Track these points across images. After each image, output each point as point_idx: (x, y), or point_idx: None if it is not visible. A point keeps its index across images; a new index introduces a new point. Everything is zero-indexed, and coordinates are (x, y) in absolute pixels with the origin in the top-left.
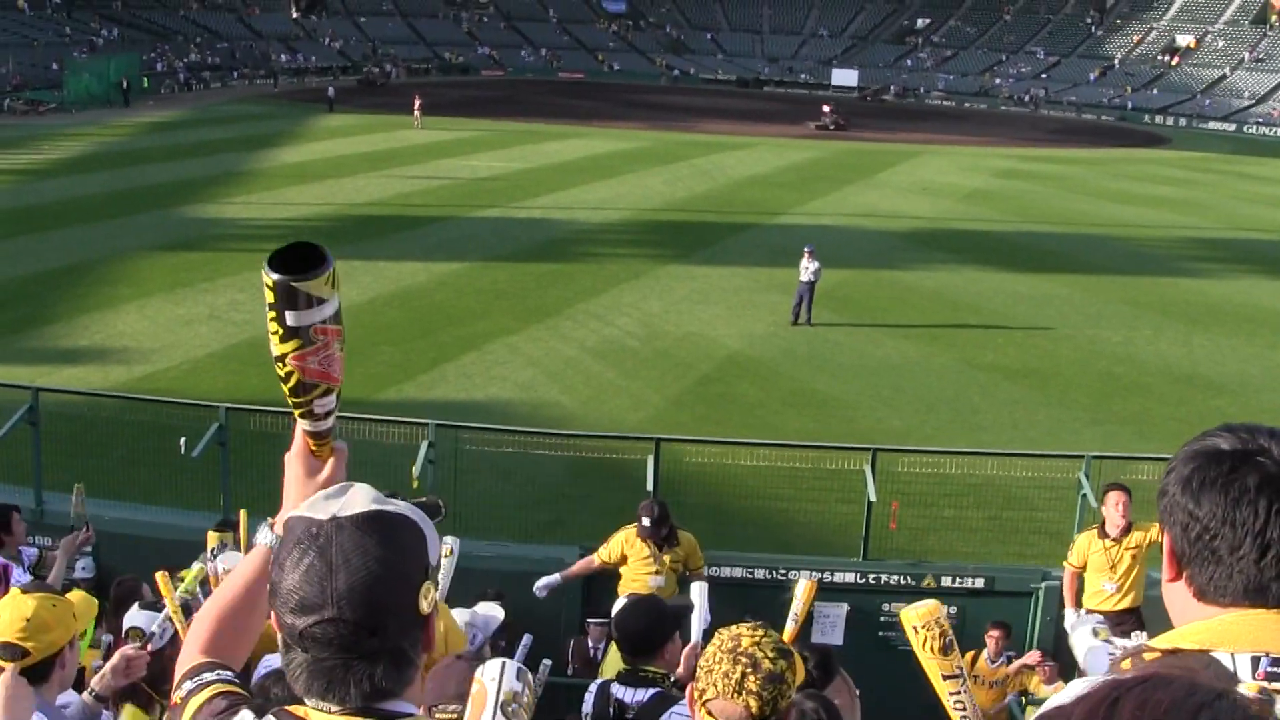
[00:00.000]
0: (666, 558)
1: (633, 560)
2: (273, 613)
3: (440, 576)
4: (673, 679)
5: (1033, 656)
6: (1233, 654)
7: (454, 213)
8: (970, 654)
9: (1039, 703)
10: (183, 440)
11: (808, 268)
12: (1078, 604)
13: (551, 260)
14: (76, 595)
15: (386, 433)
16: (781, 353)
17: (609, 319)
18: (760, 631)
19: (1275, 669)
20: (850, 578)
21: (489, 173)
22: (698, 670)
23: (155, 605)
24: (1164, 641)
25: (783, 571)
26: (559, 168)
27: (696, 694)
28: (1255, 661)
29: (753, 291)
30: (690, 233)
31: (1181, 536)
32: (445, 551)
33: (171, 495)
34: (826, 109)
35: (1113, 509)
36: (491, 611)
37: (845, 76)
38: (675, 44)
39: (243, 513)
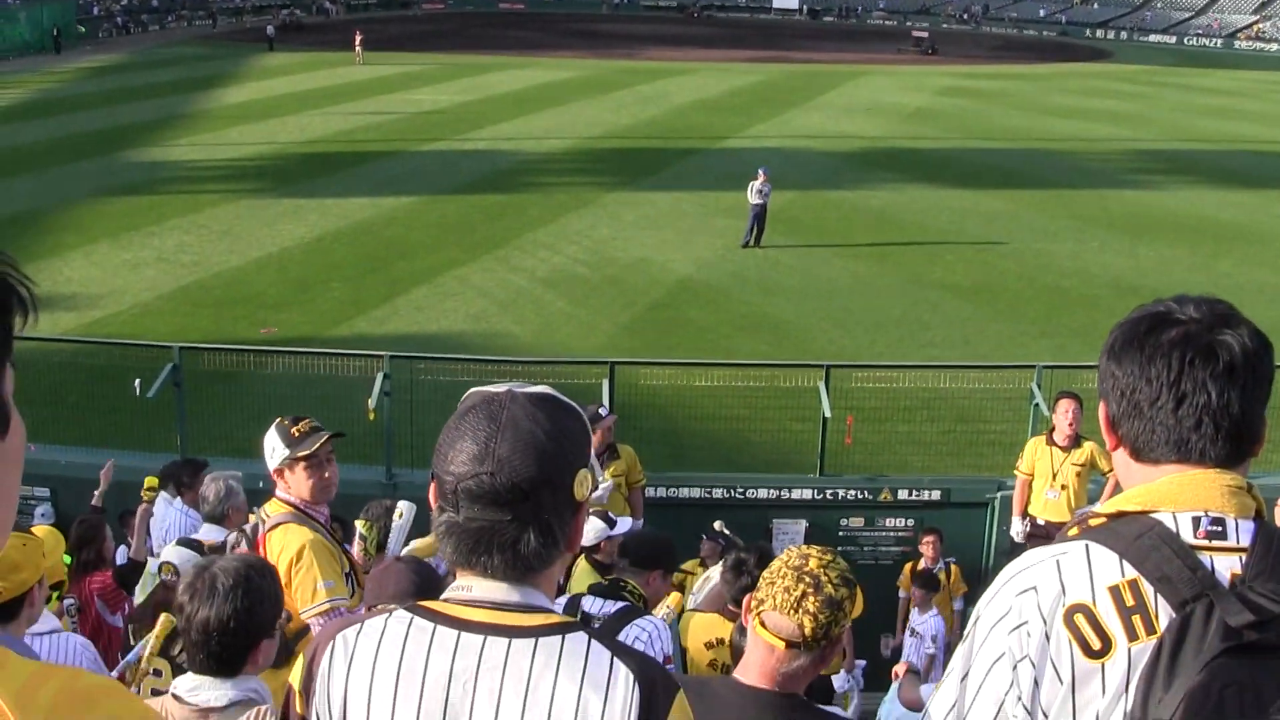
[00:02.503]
0: (608, 470)
1: None
2: (433, 480)
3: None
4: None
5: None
6: (1174, 514)
7: (399, 147)
8: (909, 565)
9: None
10: (137, 382)
11: (762, 190)
12: (1024, 513)
13: (499, 191)
14: (43, 531)
15: (341, 366)
16: (731, 276)
17: (558, 248)
18: (829, 556)
19: (1215, 527)
20: (808, 494)
21: (433, 106)
22: (760, 580)
23: (194, 544)
24: (1109, 506)
25: (740, 490)
26: (502, 99)
27: (754, 603)
28: (1196, 521)
29: (701, 216)
30: (636, 159)
31: (1111, 398)
32: (397, 515)
33: (127, 439)
34: (922, 34)
35: (1062, 416)
36: None
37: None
38: None
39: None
